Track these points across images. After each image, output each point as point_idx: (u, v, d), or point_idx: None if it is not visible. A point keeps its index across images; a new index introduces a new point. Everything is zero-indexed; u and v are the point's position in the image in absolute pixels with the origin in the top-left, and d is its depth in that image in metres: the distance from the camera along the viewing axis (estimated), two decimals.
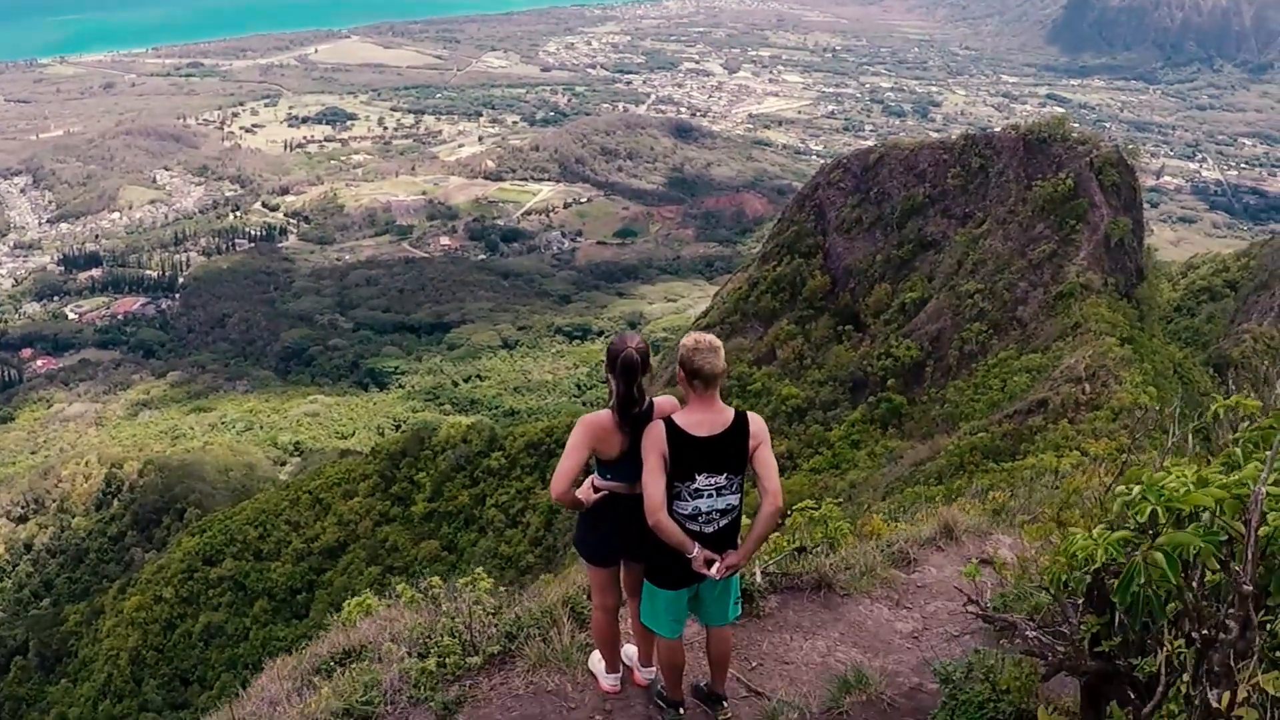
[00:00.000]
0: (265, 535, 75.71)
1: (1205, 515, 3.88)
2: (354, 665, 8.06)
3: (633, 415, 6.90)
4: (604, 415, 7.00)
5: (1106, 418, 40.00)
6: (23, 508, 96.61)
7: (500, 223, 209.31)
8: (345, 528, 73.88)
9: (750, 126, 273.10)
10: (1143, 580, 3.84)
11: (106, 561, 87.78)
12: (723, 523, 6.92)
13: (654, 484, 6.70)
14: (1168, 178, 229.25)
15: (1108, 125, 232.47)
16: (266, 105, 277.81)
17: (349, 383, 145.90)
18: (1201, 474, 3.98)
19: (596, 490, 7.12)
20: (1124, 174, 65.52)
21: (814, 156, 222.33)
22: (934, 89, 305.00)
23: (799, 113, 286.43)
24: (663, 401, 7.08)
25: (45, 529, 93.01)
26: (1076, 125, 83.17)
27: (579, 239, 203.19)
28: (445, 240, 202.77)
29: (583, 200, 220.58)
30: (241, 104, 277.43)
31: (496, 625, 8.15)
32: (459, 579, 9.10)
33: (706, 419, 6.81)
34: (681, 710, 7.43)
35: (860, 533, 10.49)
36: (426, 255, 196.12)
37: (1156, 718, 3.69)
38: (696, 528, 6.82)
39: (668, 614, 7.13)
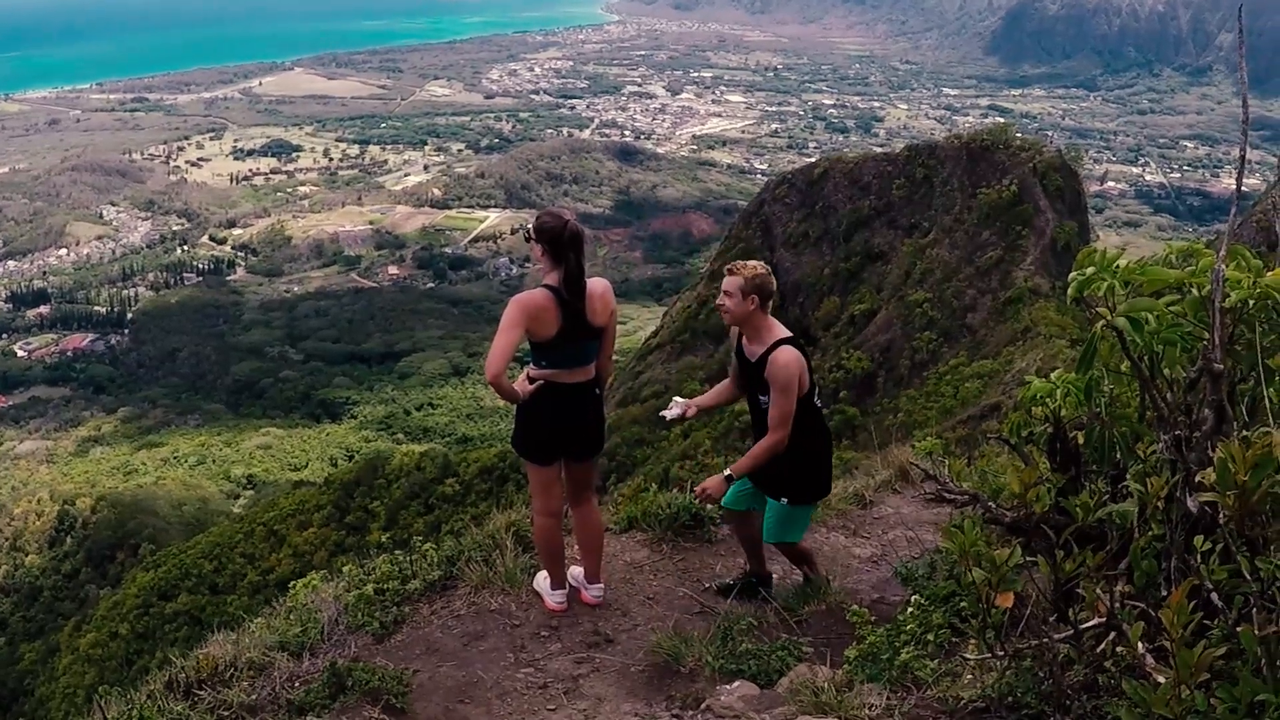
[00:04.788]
0: (220, 569, 74.80)
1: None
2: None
3: (579, 288, 6.87)
4: (539, 293, 6.91)
5: None
6: None
7: (448, 250, 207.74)
8: (300, 559, 72.84)
9: (695, 148, 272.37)
10: (1106, 349, 3.76)
11: (61, 599, 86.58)
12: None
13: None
14: (1111, 183, 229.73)
15: (1050, 133, 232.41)
16: (212, 139, 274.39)
17: (301, 414, 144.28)
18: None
19: (531, 381, 7.00)
20: (1068, 178, 66.04)
21: (759, 175, 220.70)
22: (876, 104, 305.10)
23: (743, 132, 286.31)
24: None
25: None
26: (1019, 134, 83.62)
27: (527, 265, 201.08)
28: (393, 269, 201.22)
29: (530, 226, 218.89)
30: (187, 138, 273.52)
31: (437, 554, 7.97)
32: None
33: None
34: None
35: None
36: (375, 285, 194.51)
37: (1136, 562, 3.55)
38: None
39: None
